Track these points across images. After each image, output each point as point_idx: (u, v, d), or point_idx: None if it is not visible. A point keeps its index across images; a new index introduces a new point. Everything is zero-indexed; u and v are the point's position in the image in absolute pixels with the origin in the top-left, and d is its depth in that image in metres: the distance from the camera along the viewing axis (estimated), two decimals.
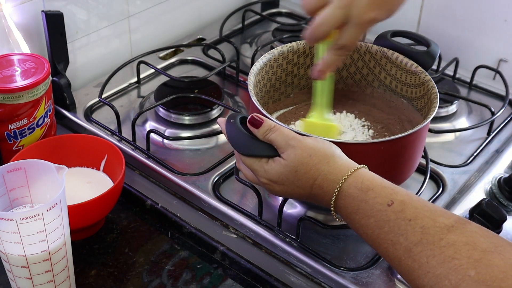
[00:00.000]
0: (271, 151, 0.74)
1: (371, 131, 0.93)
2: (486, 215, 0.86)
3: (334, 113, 0.96)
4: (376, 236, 0.65)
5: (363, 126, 0.94)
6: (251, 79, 0.87)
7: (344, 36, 0.79)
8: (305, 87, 0.99)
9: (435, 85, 0.87)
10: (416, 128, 0.80)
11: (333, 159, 0.71)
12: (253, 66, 0.89)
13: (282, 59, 0.94)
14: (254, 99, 0.83)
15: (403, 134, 0.79)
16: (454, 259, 0.58)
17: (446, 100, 1.13)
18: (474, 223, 0.61)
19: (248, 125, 0.75)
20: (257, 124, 0.74)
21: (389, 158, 0.81)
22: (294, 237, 0.87)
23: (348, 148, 0.75)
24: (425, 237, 0.61)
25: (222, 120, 0.79)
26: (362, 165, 0.71)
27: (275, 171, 0.72)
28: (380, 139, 0.78)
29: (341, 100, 0.99)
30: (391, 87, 0.96)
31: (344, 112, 0.96)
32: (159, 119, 1.08)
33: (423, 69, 0.90)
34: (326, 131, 0.86)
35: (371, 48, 0.95)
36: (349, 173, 0.69)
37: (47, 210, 0.68)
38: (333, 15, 0.78)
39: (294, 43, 0.95)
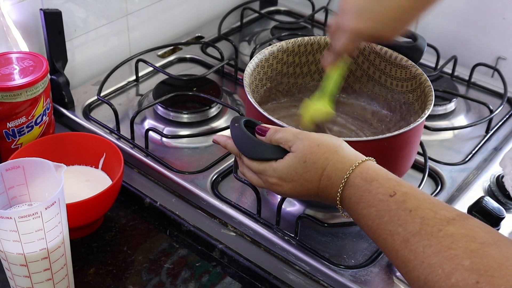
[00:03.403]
0: (280, 152, 0.73)
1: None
2: (485, 213, 0.87)
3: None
4: (376, 226, 0.65)
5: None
6: (246, 81, 0.87)
7: (335, 41, 0.85)
8: (295, 85, 0.99)
9: (428, 78, 0.88)
10: (417, 122, 0.80)
11: (341, 149, 0.71)
12: (247, 67, 0.89)
13: (273, 59, 0.94)
14: (252, 101, 0.83)
15: (407, 128, 0.79)
16: (450, 249, 0.57)
17: (445, 98, 1.14)
18: (476, 219, 0.61)
19: (257, 135, 0.75)
20: (264, 130, 0.75)
21: (391, 153, 0.81)
22: (292, 235, 0.87)
23: (352, 145, 0.75)
24: (424, 228, 0.60)
25: (221, 137, 0.80)
26: (369, 157, 0.71)
27: (284, 166, 0.72)
28: (383, 136, 0.78)
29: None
30: (380, 81, 0.96)
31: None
32: (158, 117, 1.08)
33: (413, 63, 0.91)
34: (317, 113, 0.89)
35: (359, 44, 0.95)
36: (357, 164, 0.69)
37: (46, 208, 0.68)
38: (333, 21, 0.84)
39: (283, 42, 0.95)
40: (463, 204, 0.92)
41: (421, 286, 0.59)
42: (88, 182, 0.92)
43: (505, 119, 1.14)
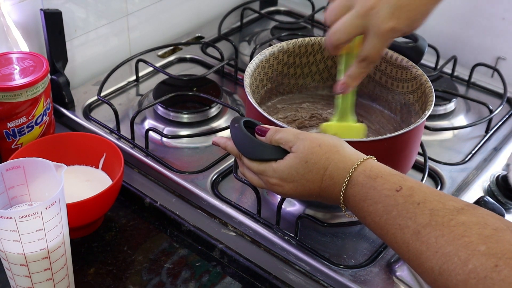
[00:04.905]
0: (280, 153, 0.73)
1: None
2: None
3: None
4: (384, 222, 0.65)
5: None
6: (246, 81, 0.87)
7: (366, 47, 0.78)
8: (295, 86, 0.99)
9: (428, 79, 0.88)
10: (417, 123, 0.80)
11: (342, 148, 0.71)
12: (247, 68, 0.89)
13: (273, 60, 0.94)
14: (253, 101, 0.83)
15: (407, 129, 0.79)
16: (464, 237, 0.57)
17: (445, 98, 1.14)
18: (484, 209, 0.61)
19: (256, 135, 0.75)
20: (264, 131, 0.75)
21: (391, 154, 0.81)
22: (292, 235, 0.87)
23: (352, 146, 0.75)
24: (434, 219, 0.60)
25: (221, 139, 0.80)
26: (370, 156, 0.71)
27: (285, 167, 0.72)
28: (383, 136, 0.78)
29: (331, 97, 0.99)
30: (381, 82, 0.96)
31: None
32: (158, 117, 1.08)
33: (414, 64, 0.91)
34: (352, 132, 0.87)
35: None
36: (359, 162, 0.69)
37: (46, 208, 0.68)
38: (351, 23, 0.77)
39: (284, 43, 0.95)
40: None
41: (436, 277, 0.58)
42: (88, 182, 0.92)
43: (505, 119, 1.14)
